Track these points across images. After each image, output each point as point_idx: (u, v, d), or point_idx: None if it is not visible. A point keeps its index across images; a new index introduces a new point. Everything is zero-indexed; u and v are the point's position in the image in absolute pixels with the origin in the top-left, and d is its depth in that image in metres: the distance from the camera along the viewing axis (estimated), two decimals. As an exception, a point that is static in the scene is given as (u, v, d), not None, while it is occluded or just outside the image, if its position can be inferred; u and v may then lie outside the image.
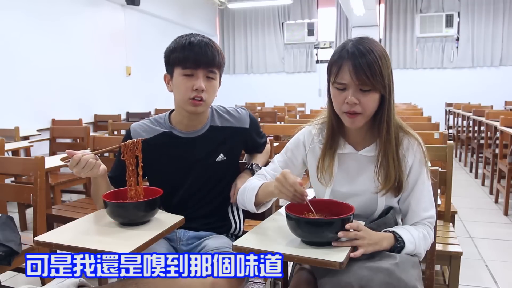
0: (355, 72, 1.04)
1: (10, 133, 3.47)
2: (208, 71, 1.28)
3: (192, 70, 1.26)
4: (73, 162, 1.13)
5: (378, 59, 1.05)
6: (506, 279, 2.27)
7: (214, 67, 1.28)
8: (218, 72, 1.32)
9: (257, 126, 1.49)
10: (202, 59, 1.25)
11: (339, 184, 1.19)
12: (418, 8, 7.82)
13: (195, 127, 1.37)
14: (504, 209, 3.38)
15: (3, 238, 1.55)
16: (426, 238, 1.12)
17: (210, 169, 1.37)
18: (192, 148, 1.36)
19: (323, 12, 8.58)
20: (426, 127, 2.80)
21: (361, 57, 1.04)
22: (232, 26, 9.01)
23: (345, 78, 1.07)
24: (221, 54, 1.31)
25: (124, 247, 0.98)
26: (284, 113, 5.40)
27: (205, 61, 1.26)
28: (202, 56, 1.25)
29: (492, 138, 4.07)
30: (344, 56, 1.07)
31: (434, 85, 7.81)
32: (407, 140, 1.16)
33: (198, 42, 1.26)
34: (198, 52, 1.25)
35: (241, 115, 1.44)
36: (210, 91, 1.30)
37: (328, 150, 1.19)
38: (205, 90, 1.27)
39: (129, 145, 1.21)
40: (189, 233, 1.37)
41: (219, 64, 1.30)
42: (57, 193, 2.86)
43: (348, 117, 1.10)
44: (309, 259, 0.93)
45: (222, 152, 1.39)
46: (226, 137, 1.40)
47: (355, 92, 1.07)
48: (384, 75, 1.06)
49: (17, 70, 4.33)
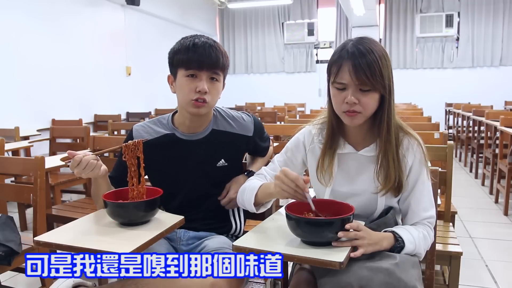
0: (355, 72, 1.04)
1: (10, 133, 3.47)
2: (211, 72, 1.27)
3: (195, 71, 1.25)
4: (74, 163, 1.13)
5: (378, 59, 1.05)
6: (506, 279, 2.27)
7: (217, 69, 1.28)
8: (222, 74, 1.31)
9: (261, 131, 1.47)
10: (205, 61, 1.24)
11: (339, 184, 1.19)
12: (418, 8, 7.82)
13: (197, 129, 1.36)
14: (504, 209, 3.37)
15: (3, 238, 1.55)
16: (426, 238, 1.12)
17: (210, 173, 1.37)
18: (193, 151, 1.36)
19: (323, 12, 8.58)
20: (426, 127, 2.80)
21: (361, 57, 1.04)
22: (232, 26, 9.01)
23: (344, 78, 1.06)
24: (225, 56, 1.30)
25: (124, 247, 0.98)
26: (284, 113, 5.40)
27: (208, 63, 1.25)
28: (206, 58, 1.24)
29: (492, 138, 4.07)
30: (344, 56, 1.07)
31: (434, 85, 7.81)
32: (407, 140, 1.16)
33: (202, 44, 1.25)
34: (202, 53, 1.24)
35: (246, 123, 1.42)
36: (214, 93, 1.29)
37: (328, 150, 1.19)
38: (208, 92, 1.26)
39: (130, 146, 1.21)
40: (189, 233, 1.37)
41: (223, 66, 1.29)
42: (57, 193, 2.86)
43: (348, 115, 1.10)
44: (309, 259, 0.93)
45: (223, 157, 1.37)
46: (228, 142, 1.38)
47: (355, 92, 1.07)
48: (384, 75, 1.06)
49: (17, 70, 4.33)
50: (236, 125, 1.40)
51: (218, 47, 1.29)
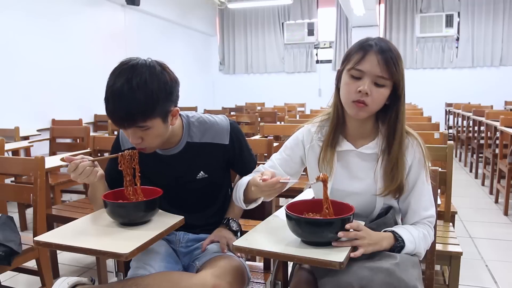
0: (386, 63, 1.06)
1: (10, 133, 3.47)
2: (134, 127, 1.12)
3: (119, 126, 1.15)
4: (71, 168, 1.14)
5: (398, 58, 1.09)
6: (506, 279, 2.27)
7: (136, 121, 1.10)
8: (153, 118, 1.12)
9: (240, 142, 1.35)
10: (119, 118, 1.11)
11: (339, 181, 1.19)
12: (418, 8, 7.81)
13: (171, 144, 1.29)
14: (504, 209, 3.37)
15: (3, 238, 1.55)
16: (426, 237, 1.12)
17: (192, 185, 1.32)
18: (171, 165, 1.30)
19: (323, 12, 8.57)
20: (426, 127, 2.80)
21: (388, 51, 1.07)
22: (232, 26, 9.01)
23: (366, 66, 1.07)
24: (152, 94, 1.10)
25: (124, 247, 0.98)
26: (284, 113, 5.40)
27: (124, 119, 1.10)
28: (118, 114, 1.10)
29: (492, 138, 4.07)
30: (369, 47, 1.08)
31: (434, 85, 7.81)
32: (407, 139, 1.16)
33: (115, 94, 1.09)
34: (112, 110, 1.10)
35: (220, 127, 1.32)
36: (148, 139, 1.16)
37: (328, 147, 1.19)
38: (144, 140, 1.16)
39: (126, 156, 1.21)
40: (188, 235, 1.36)
41: (143, 114, 1.10)
42: (57, 193, 2.86)
43: (356, 105, 1.09)
44: (309, 259, 0.93)
45: (202, 169, 1.31)
46: (204, 153, 1.31)
47: (370, 84, 1.08)
48: (403, 75, 1.10)
49: (17, 70, 4.33)
50: (210, 134, 1.32)
51: (138, 90, 1.09)
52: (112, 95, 1.10)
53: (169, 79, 1.15)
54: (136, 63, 1.14)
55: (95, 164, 1.19)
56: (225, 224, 1.37)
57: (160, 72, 1.14)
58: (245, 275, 1.25)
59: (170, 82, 1.15)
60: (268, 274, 1.40)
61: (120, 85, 1.08)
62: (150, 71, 1.12)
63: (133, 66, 1.12)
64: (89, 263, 2.51)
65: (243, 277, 1.23)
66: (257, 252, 0.98)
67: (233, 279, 1.15)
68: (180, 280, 1.08)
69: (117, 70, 1.13)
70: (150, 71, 1.12)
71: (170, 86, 1.15)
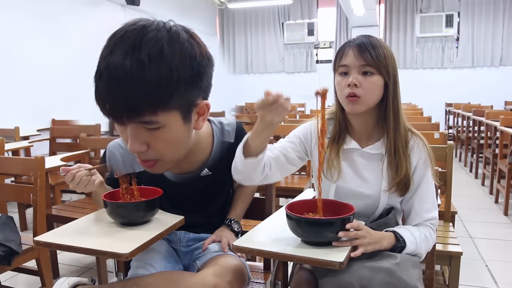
0: (359, 51, 1.08)
1: (10, 133, 3.47)
2: (138, 122, 0.79)
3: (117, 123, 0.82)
4: (68, 178, 1.13)
5: (383, 47, 1.10)
6: (506, 279, 2.27)
7: (143, 114, 0.77)
8: (168, 111, 0.78)
9: None
10: (116, 110, 0.75)
11: (344, 179, 1.19)
12: (418, 8, 7.81)
13: (192, 165, 1.25)
14: (504, 209, 3.37)
15: (3, 238, 1.55)
16: (427, 239, 1.12)
17: (195, 183, 1.28)
18: None
19: (323, 12, 8.57)
20: (426, 127, 2.80)
21: (365, 41, 1.10)
22: (232, 26, 9.01)
23: (347, 60, 1.10)
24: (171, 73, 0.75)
25: (124, 247, 0.98)
26: (284, 113, 5.38)
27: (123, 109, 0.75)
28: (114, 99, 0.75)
29: (492, 138, 4.07)
30: (348, 43, 1.13)
31: (434, 85, 7.81)
32: (413, 140, 1.17)
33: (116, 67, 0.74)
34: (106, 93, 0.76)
35: (228, 127, 1.28)
36: (158, 145, 0.83)
37: (333, 144, 1.20)
38: (151, 146, 0.83)
39: (124, 178, 1.20)
40: (189, 234, 1.36)
41: (158, 102, 0.75)
42: (57, 193, 2.86)
43: (349, 100, 1.11)
44: (309, 259, 0.93)
45: (206, 166, 1.26)
46: (214, 152, 1.26)
47: (357, 75, 1.10)
48: (388, 61, 1.09)
49: (17, 70, 4.33)
50: (216, 132, 1.25)
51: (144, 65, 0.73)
52: (107, 71, 0.76)
53: (199, 52, 0.78)
54: (150, 24, 0.76)
55: (93, 172, 1.16)
56: (227, 224, 1.36)
57: (186, 40, 0.76)
58: (246, 275, 1.25)
59: (200, 58, 0.78)
60: (268, 274, 1.40)
61: (121, 55, 0.74)
62: (170, 38, 0.74)
63: (144, 28, 0.74)
64: (89, 263, 2.51)
65: (244, 276, 1.23)
66: (257, 252, 0.98)
67: (234, 278, 1.15)
68: (180, 280, 1.08)
69: (118, 33, 0.79)
70: (170, 37, 0.74)
71: (199, 65, 0.78)
